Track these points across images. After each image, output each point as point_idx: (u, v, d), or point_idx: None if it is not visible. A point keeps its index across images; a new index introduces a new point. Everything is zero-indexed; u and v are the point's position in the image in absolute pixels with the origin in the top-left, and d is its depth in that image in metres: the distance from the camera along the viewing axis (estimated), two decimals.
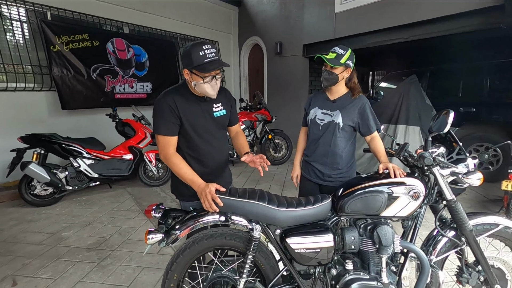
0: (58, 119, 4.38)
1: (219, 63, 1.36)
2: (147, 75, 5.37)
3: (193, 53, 1.32)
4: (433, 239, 1.59)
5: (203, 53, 1.32)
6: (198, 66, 1.33)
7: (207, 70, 1.33)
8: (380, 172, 1.55)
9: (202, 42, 1.35)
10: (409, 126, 3.63)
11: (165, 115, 1.42)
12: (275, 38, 6.52)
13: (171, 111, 1.42)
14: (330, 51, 1.70)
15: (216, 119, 1.56)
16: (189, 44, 1.38)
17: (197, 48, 1.32)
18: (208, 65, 1.33)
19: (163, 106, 1.42)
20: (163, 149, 1.46)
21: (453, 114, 1.35)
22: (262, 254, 1.47)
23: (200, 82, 1.37)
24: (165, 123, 1.43)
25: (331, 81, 1.74)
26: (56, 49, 4.18)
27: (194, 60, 1.32)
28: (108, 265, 2.30)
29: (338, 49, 1.69)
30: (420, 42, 4.57)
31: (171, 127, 1.44)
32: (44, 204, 3.48)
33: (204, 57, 1.32)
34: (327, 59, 1.65)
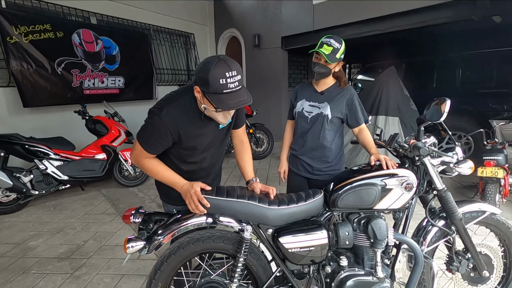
0: (20, 117, 4.00)
1: (240, 101, 1.12)
2: (118, 69, 5.04)
3: (212, 78, 1.06)
4: (423, 230, 1.58)
5: (224, 81, 1.06)
6: (214, 95, 1.09)
7: (224, 106, 1.11)
8: (372, 164, 1.50)
9: (228, 65, 1.07)
10: (389, 117, 3.69)
11: (157, 135, 1.23)
12: (253, 30, 6.39)
13: (167, 134, 1.23)
14: (325, 43, 1.60)
15: (221, 131, 1.40)
16: (210, 59, 1.10)
17: (219, 73, 1.06)
18: (226, 99, 1.09)
19: (160, 127, 1.21)
20: (137, 156, 1.30)
21: (450, 102, 1.32)
22: (253, 255, 1.38)
23: (212, 110, 1.16)
24: (153, 141, 1.25)
25: (325, 75, 1.67)
26: (13, 40, 3.78)
27: (212, 86, 1.07)
28: (83, 275, 2.11)
29: (333, 42, 1.59)
30: (396, 34, 4.64)
31: (158, 147, 1.27)
32: (6, 211, 3.16)
33: (224, 87, 1.07)
34: (325, 54, 1.57)
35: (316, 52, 1.62)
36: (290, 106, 1.89)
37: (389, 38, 5.18)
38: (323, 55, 1.57)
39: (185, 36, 6.59)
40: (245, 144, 1.55)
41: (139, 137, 1.28)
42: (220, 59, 1.09)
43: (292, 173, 1.89)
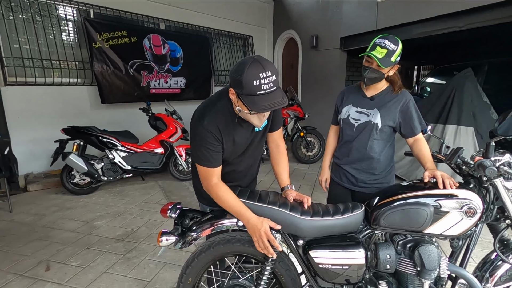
0: (98, 112, 4.61)
1: (274, 103, 1.07)
2: (181, 70, 5.44)
3: (246, 79, 1.03)
4: (490, 264, 1.33)
5: (258, 82, 1.03)
6: (248, 97, 1.07)
7: (257, 108, 1.08)
8: (425, 181, 1.31)
9: (262, 66, 1.04)
10: (461, 126, 3.21)
11: (210, 146, 1.21)
12: (311, 31, 6.23)
13: (217, 140, 1.23)
14: (378, 45, 1.43)
15: (257, 133, 1.37)
16: (245, 60, 1.08)
17: (253, 73, 1.03)
18: (259, 101, 1.06)
19: (208, 136, 1.20)
20: (206, 179, 1.27)
21: None
22: (282, 264, 1.33)
23: (246, 112, 1.14)
24: (211, 154, 1.22)
25: (376, 80, 1.51)
26: (97, 45, 4.37)
27: (245, 87, 1.05)
28: (133, 258, 2.32)
29: (388, 44, 1.41)
30: (477, 31, 4.01)
31: (217, 157, 1.25)
32: (82, 192, 3.68)
33: (258, 88, 1.04)
34: (378, 58, 1.41)
35: (367, 55, 1.48)
36: (334, 110, 1.77)
37: (468, 36, 4.51)
38: (375, 59, 1.41)
39: (244, 38, 6.77)
40: (281, 148, 1.50)
41: (196, 158, 1.26)
42: (255, 60, 1.06)
43: (334, 183, 1.77)
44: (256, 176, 1.60)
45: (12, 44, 3.78)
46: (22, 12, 3.85)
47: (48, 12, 4.04)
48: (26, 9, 3.87)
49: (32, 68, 3.96)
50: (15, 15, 3.80)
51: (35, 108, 4.01)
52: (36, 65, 3.99)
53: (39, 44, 4.00)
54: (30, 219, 3.02)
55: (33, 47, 3.97)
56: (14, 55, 3.80)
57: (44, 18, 4.02)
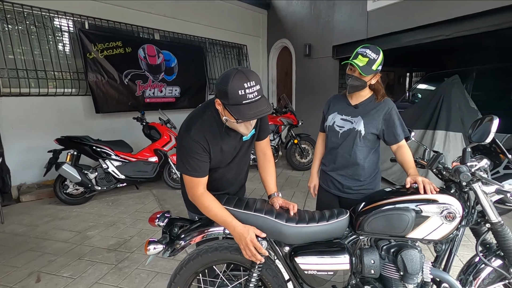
0: (93, 121, 4.63)
1: (260, 111, 1.11)
2: (175, 79, 5.50)
3: (231, 89, 1.06)
4: (474, 267, 1.35)
5: (243, 92, 1.07)
6: (234, 107, 1.10)
7: (243, 117, 1.10)
8: (407, 187, 1.34)
9: (246, 76, 1.08)
10: (450, 132, 3.27)
11: (197, 156, 1.23)
12: (304, 40, 6.35)
13: (204, 150, 1.24)
14: (360, 54, 1.48)
15: (244, 142, 1.40)
16: (229, 71, 1.11)
17: (238, 84, 1.06)
18: (245, 110, 1.09)
19: (195, 146, 1.22)
20: (192, 189, 1.27)
21: (498, 121, 1.12)
22: (270, 271, 1.35)
23: (233, 121, 1.16)
24: (198, 164, 1.24)
25: (359, 88, 1.56)
26: (92, 56, 4.42)
27: (231, 98, 1.08)
28: (124, 268, 2.31)
29: (369, 53, 1.47)
30: (465, 39, 4.12)
31: (204, 167, 1.27)
32: (75, 202, 3.67)
33: (243, 98, 1.07)
34: (359, 66, 1.46)
35: (350, 63, 1.53)
36: (322, 118, 1.81)
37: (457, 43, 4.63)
38: (356, 67, 1.47)
39: (238, 47, 6.87)
40: (268, 156, 1.53)
41: (181, 168, 1.27)
42: (239, 71, 1.09)
43: (322, 189, 1.80)
44: (244, 183, 1.63)
45: (6, 55, 3.82)
46: (17, 23, 3.89)
47: (43, 24, 4.09)
48: (21, 21, 3.92)
49: (26, 79, 3.98)
50: (10, 26, 3.85)
51: (29, 119, 4.02)
52: (31, 76, 4.02)
53: (34, 55, 4.04)
54: (22, 230, 2.99)
55: (28, 58, 4.00)
56: (8, 66, 3.83)
57: (39, 30, 4.07)
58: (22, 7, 3.87)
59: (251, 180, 4.52)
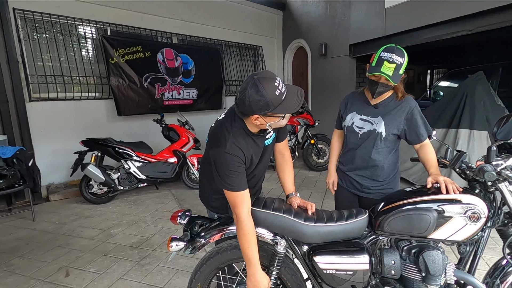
0: (115, 124, 4.81)
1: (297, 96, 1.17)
2: (193, 82, 5.61)
3: (270, 96, 1.09)
4: (501, 270, 1.31)
5: (279, 92, 1.11)
6: (279, 107, 1.13)
7: (291, 109, 1.16)
8: (428, 186, 1.32)
9: (267, 78, 1.11)
10: (474, 130, 3.14)
11: (236, 169, 1.22)
12: (320, 40, 6.29)
13: (241, 162, 1.25)
14: (385, 60, 1.38)
15: (266, 148, 1.40)
16: (250, 87, 1.10)
17: (271, 89, 1.09)
18: (288, 103, 1.14)
19: (234, 160, 1.22)
20: (237, 206, 1.22)
21: None
22: (288, 270, 1.36)
23: (277, 121, 1.19)
24: (239, 178, 1.23)
25: (384, 92, 1.52)
26: (114, 61, 4.60)
27: (273, 103, 1.11)
28: (146, 265, 2.40)
29: (396, 58, 1.37)
30: (488, 33, 3.95)
31: (244, 179, 1.27)
32: (99, 202, 3.83)
33: (281, 95, 1.12)
34: (389, 76, 1.38)
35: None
36: (338, 115, 1.77)
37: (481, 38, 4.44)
38: (386, 77, 1.38)
39: (254, 49, 6.92)
40: (286, 157, 1.54)
41: (224, 186, 1.24)
42: (259, 79, 1.10)
43: (340, 187, 1.78)
44: (261, 186, 1.64)
45: (36, 62, 4.05)
46: (46, 32, 4.12)
47: (69, 32, 4.30)
48: (49, 30, 4.14)
49: (54, 84, 4.20)
50: (39, 35, 4.08)
51: (56, 122, 4.23)
52: (58, 81, 4.24)
53: (60, 61, 4.26)
54: (52, 228, 3.16)
55: (55, 64, 4.23)
56: (38, 73, 4.06)
57: (65, 37, 4.28)
58: (50, 16, 4.09)
59: (268, 180, 4.54)
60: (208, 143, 1.32)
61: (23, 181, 3.27)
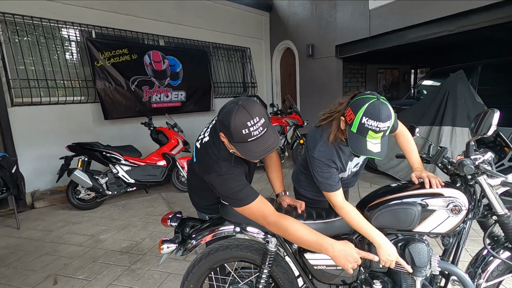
0: (102, 128, 4.73)
1: (267, 147, 1.06)
2: (181, 84, 5.58)
3: (235, 128, 1.02)
4: (482, 260, 1.36)
5: (247, 131, 1.01)
6: (239, 145, 1.06)
7: (251, 156, 1.07)
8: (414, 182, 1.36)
9: (249, 112, 1.01)
10: (456, 127, 3.25)
11: (243, 181, 1.20)
12: (307, 41, 6.38)
13: (243, 175, 1.23)
14: (370, 129, 1.10)
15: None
16: (230, 107, 1.05)
17: (241, 122, 1.01)
18: (251, 147, 1.05)
19: (236, 177, 1.19)
20: (263, 214, 1.17)
21: (498, 113, 1.14)
22: (280, 268, 1.38)
23: (239, 155, 1.13)
24: (247, 189, 1.19)
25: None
26: (99, 64, 4.53)
27: (235, 136, 1.04)
28: (137, 269, 2.37)
29: (382, 126, 1.09)
30: (469, 33, 4.10)
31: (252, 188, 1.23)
32: (87, 207, 3.75)
33: (248, 136, 1.02)
34: (378, 154, 1.15)
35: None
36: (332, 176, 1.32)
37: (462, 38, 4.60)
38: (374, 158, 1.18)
39: (242, 50, 6.94)
40: (274, 158, 1.55)
41: (238, 203, 1.18)
42: (240, 107, 1.03)
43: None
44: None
45: (18, 66, 3.94)
46: (27, 35, 4.02)
47: (52, 34, 4.21)
48: (31, 33, 4.04)
49: (37, 89, 4.10)
50: (20, 38, 3.98)
51: (40, 127, 4.13)
52: (41, 85, 4.14)
53: (43, 64, 4.16)
54: (38, 235, 3.08)
55: (38, 68, 4.12)
56: (20, 77, 3.95)
57: (48, 40, 4.19)
58: (32, 19, 3.99)
59: (258, 181, 4.56)
60: (197, 164, 1.29)
61: (7, 189, 3.17)
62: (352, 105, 1.15)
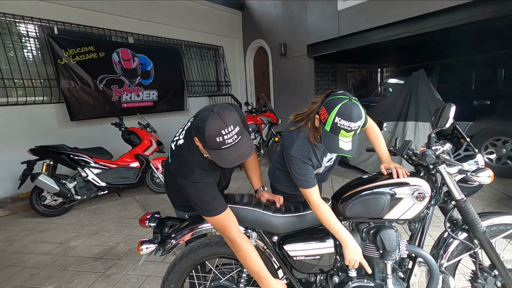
0: (68, 130, 4.48)
1: (241, 155, 1.08)
2: (152, 83, 5.43)
3: (208, 135, 1.03)
4: (443, 242, 1.49)
5: (221, 139, 1.03)
6: (213, 151, 1.08)
7: (224, 163, 1.08)
8: (383, 173, 1.46)
9: (223, 120, 1.03)
10: (419, 122, 3.49)
11: (214, 192, 1.22)
12: (279, 40, 6.48)
13: (215, 186, 1.25)
14: (342, 128, 1.16)
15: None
16: (205, 113, 1.06)
17: (215, 130, 1.02)
18: (225, 155, 1.07)
19: (208, 187, 1.20)
20: (226, 228, 1.20)
21: (454, 107, 1.26)
22: None
23: (213, 160, 1.13)
24: (219, 198, 1.22)
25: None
26: (63, 62, 4.28)
27: (209, 143, 1.05)
28: (113, 275, 2.29)
29: (354, 125, 1.16)
30: (428, 35, 4.41)
31: (222, 197, 1.26)
32: (54, 214, 3.54)
33: (222, 144, 1.04)
34: (349, 151, 1.21)
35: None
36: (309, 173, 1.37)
37: (422, 39, 4.93)
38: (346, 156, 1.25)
39: (215, 49, 6.89)
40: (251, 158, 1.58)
41: (205, 212, 1.21)
42: (215, 114, 1.04)
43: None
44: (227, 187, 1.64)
45: None
46: None
47: (8, 30, 3.91)
48: None
49: None
50: None
51: None
52: None
53: None
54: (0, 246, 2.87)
55: None
56: None
57: (4, 36, 3.88)
58: None
59: (235, 179, 4.57)
60: (172, 166, 1.29)
61: None
62: (326, 105, 1.21)
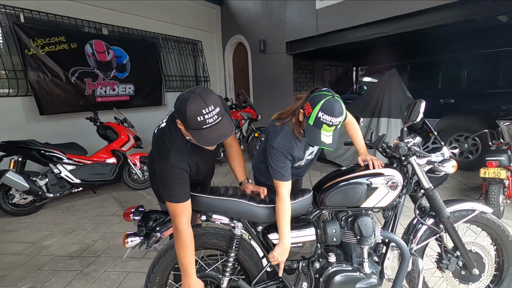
0: (37, 124, 4.24)
1: (222, 134, 1.12)
2: (129, 76, 5.26)
3: (190, 115, 1.06)
4: (413, 228, 1.62)
5: (202, 118, 1.06)
6: (194, 131, 1.11)
7: (205, 142, 1.12)
8: (360, 164, 1.56)
9: (204, 101, 1.06)
10: (391, 119, 3.70)
11: (180, 181, 1.23)
12: (258, 36, 6.50)
13: (186, 173, 1.26)
14: (324, 123, 1.22)
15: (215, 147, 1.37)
16: (186, 94, 1.09)
17: (196, 110, 1.06)
18: (206, 134, 1.10)
19: (177, 172, 1.22)
20: (177, 216, 1.23)
21: (424, 103, 1.37)
22: (245, 251, 1.46)
23: (195, 142, 1.16)
24: (182, 188, 1.24)
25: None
26: (31, 52, 4.03)
27: (190, 123, 1.08)
28: (91, 272, 2.24)
29: (335, 120, 1.22)
30: (400, 36, 4.64)
31: (187, 189, 1.28)
32: (24, 213, 3.36)
33: (203, 123, 1.07)
34: (330, 145, 1.28)
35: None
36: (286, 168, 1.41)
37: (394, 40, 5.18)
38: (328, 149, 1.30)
39: (193, 43, 6.78)
40: (235, 148, 1.61)
41: (165, 197, 1.23)
42: (196, 95, 1.07)
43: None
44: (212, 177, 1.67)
45: None
46: None
47: None
48: None
49: None
50: None
51: None
52: None
53: None
54: None
55: None
56: None
57: None
58: None
59: (216, 175, 4.56)
60: (152, 151, 1.33)
61: None
62: (310, 100, 1.28)
